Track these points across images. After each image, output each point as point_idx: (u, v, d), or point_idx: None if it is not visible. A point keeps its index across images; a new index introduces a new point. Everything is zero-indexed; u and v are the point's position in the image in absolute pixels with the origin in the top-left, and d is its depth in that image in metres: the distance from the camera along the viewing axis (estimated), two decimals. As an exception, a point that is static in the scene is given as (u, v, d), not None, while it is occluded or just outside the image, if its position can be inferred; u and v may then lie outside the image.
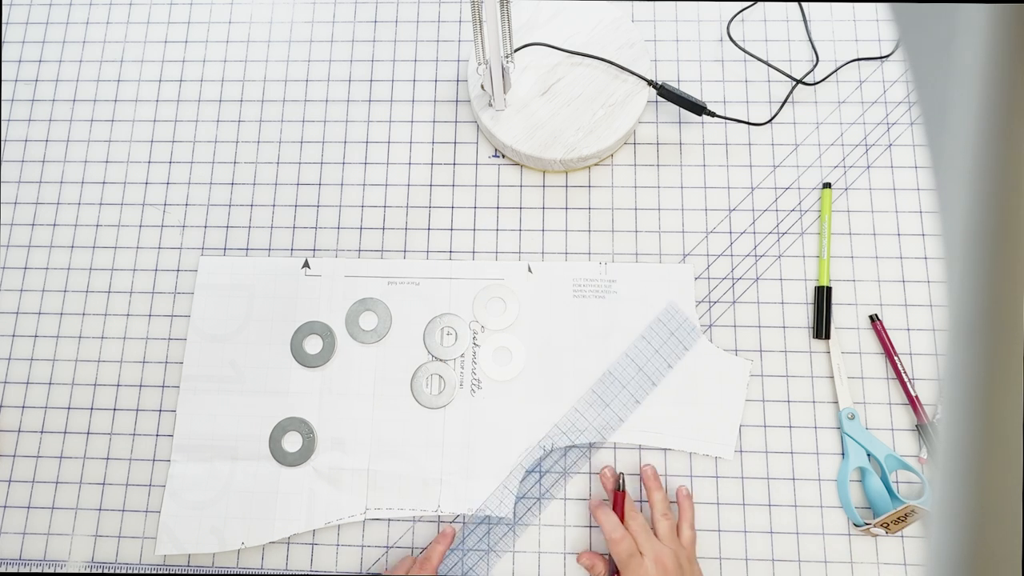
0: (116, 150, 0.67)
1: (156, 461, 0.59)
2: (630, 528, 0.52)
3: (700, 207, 0.63)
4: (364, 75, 0.68)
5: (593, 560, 0.54)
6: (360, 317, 0.61)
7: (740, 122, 0.64)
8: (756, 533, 0.56)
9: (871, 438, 0.57)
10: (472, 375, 0.59)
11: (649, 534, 0.52)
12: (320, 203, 0.65)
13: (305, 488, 0.57)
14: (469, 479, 0.57)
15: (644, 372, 0.59)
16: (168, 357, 0.61)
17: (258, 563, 0.57)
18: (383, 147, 0.66)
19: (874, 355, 0.59)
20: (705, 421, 0.58)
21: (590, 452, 0.58)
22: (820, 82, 0.66)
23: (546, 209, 0.64)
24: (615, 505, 0.54)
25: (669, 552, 0.51)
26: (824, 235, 0.61)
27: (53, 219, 0.65)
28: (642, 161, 0.65)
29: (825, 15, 0.68)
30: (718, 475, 0.57)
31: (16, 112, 0.68)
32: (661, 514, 0.53)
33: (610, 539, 0.52)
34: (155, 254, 0.64)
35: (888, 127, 0.65)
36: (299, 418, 0.59)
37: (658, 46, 0.68)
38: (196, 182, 0.66)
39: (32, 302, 0.63)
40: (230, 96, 0.68)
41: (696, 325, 0.60)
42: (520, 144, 0.62)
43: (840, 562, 0.55)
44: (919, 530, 0.54)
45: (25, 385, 0.61)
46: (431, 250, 0.63)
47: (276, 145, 0.67)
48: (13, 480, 0.59)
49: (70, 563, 0.57)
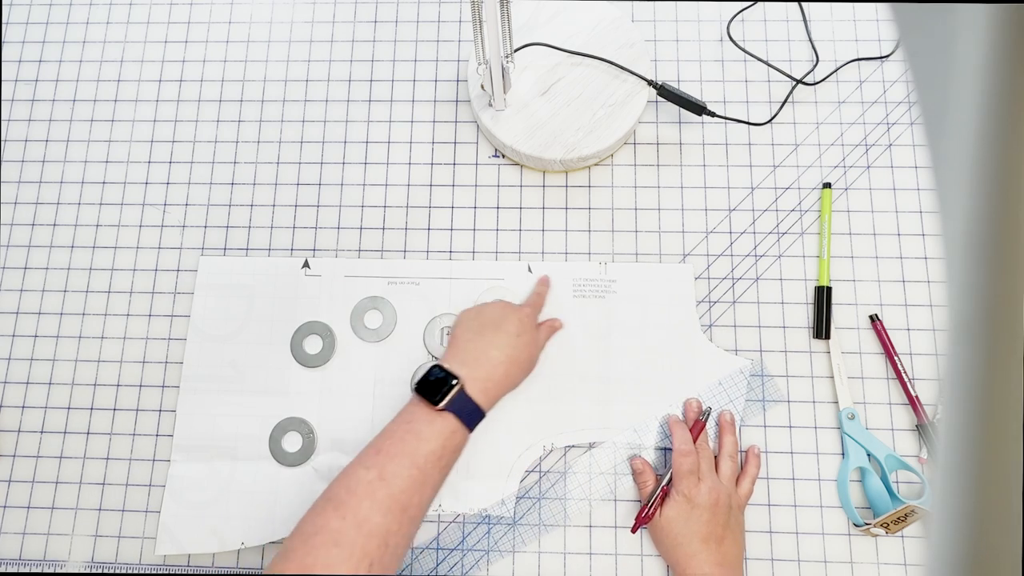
0: (116, 150, 0.67)
1: (156, 461, 0.59)
2: (698, 452, 0.54)
3: (700, 207, 0.63)
4: (364, 75, 0.68)
5: (645, 467, 0.56)
6: (366, 315, 0.61)
7: (740, 122, 0.64)
8: (756, 533, 0.56)
9: (871, 438, 0.56)
10: (472, 375, 0.59)
11: (712, 467, 0.54)
12: (320, 203, 0.65)
13: (305, 488, 0.57)
14: (469, 479, 0.57)
15: (644, 372, 0.59)
16: (168, 357, 0.61)
17: (258, 563, 0.57)
18: (383, 147, 0.66)
19: (874, 355, 0.59)
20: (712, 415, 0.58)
21: (590, 452, 0.58)
22: (820, 82, 0.66)
23: (546, 209, 0.64)
24: (692, 429, 0.55)
25: (724, 490, 0.53)
26: (824, 235, 0.61)
27: (53, 219, 0.65)
28: (642, 161, 0.65)
29: (825, 15, 0.68)
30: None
31: (16, 112, 0.68)
32: (728, 455, 0.55)
33: (678, 450, 0.53)
34: (155, 254, 0.64)
35: (888, 127, 0.65)
36: (299, 418, 0.59)
37: (658, 46, 0.68)
38: (196, 182, 0.66)
39: (32, 302, 0.63)
40: (230, 96, 0.68)
41: (696, 325, 0.60)
42: (520, 144, 0.62)
43: (840, 562, 0.55)
44: (919, 530, 0.54)
45: (25, 385, 0.61)
46: (431, 250, 0.63)
47: (276, 145, 0.67)
48: (13, 480, 0.59)
49: (70, 563, 0.57)
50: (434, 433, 0.48)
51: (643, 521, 0.54)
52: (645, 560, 0.55)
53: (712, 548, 0.51)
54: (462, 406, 0.49)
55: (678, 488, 0.53)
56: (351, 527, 0.44)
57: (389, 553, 0.44)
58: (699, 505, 0.52)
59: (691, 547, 0.51)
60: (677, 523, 0.52)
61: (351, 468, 0.48)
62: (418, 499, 0.47)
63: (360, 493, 0.45)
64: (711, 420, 0.58)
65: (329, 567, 0.42)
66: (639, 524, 0.54)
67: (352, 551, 0.43)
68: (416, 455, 0.47)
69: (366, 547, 0.43)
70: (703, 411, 0.57)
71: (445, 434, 0.49)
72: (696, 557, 0.51)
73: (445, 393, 0.49)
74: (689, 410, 0.57)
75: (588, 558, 0.56)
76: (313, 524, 0.45)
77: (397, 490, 0.46)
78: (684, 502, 0.52)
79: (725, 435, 0.56)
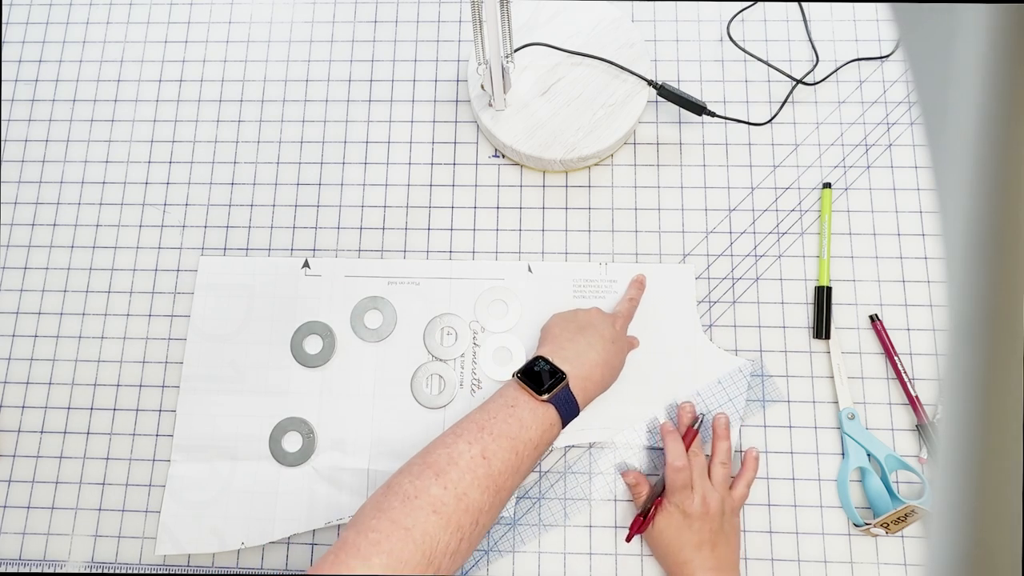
0: (116, 150, 0.67)
1: (156, 461, 0.59)
2: (690, 463, 0.54)
3: (700, 207, 0.63)
4: (364, 75, 0.68)
5: (639, 479, 0.56)
6: (366, 314, 0.61)
7: (740, 122, 0.64)
8: (756, 533, 0.56)
9: (871, 438, 0.56)
10: (472, 375, 0.59)
11: (704, 475, 0.54)
12: (320, 203, 0.65)
13: (305, 488, 0.57)
14: (469, 479, 0.57)
15: (644, 371, 0.59)
16: (168, 357, 0.61)
17: (258, 563, 0.57)
18: (383, 147, 0.66)
19: (874, 355, 0.59)
20: (705, 421, 0.58)
21: (590, 452, 0.58)
22: (820, 82, 0.66)
23: (546, 209, 0.64)
24: (684, 438, 0.55)
25: (716, 497, 0.53)
26: (824, 235, 0.61)
27: (53, 219, 0.65)
28: (642, 161, 0.65)
29: (825, 15, 0.68)
30: (718, 475, 0.57)
31: (16, 112, 0.68)
32: (720, 462, 0.55)
33: (671, 464, 0.53)
34: (155, 254, 0.64)
35: (888, 127, 0.65)
36: (299, 418, 0.59)
37: (658, 46, 0.68)
38: (196, 182, 0.66)
39: (32, 302, 0.63)
40: (230, 96, 0.68)
41: (697, 325, 0.60)
42: (520, 144, 0.62)
43: (840, 562, 0.55)
44: (919, 530, 0.54)
45: (25, 385, 0.61)
46: (431, 250, 0.63)
47: (276, 145, 0.67)
48: (13, 480, 0.59)
49: (70, 563, 0.57)
50: (536, 422, 0.49)
51: (637, 531, 0.54)
52: (645, 560, 0.55)
53: (705, 554, 0.51)
54: (564, 401, 0.50)
55: (671, 500, 0.53)
56: (452, 498, 0.44)
57: (478, 531, 0.45)
58: (691, 515, 0.52)
59: (685, 554, 0.51)
60: (670, 532, 0.52)
61: (451, 439, 0.48)
62: (511, 483, 0.47)
63: (463, 466, 0.46)
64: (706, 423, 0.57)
65: (427, 533, 0.42)
66: (633, 533, 0.54)
67: (449, 521, 0.43)
68: (517, 440, 0.48)
69: (461, 521, 0.44)
70: (696, 418, 0.56)
71: (545, 425, 0.49)
72: (690, 564, 0.51)
73: (552, 386, 0.50)
74: (683, 415, 0.57)
75: (588, 558, 0.56)
76: (413, 486, 0.45)
77: (496, 471, 0.46)
78: (677, 513, 0.52)
79: (719, 440, 0.56)
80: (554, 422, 0.50)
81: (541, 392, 0.49)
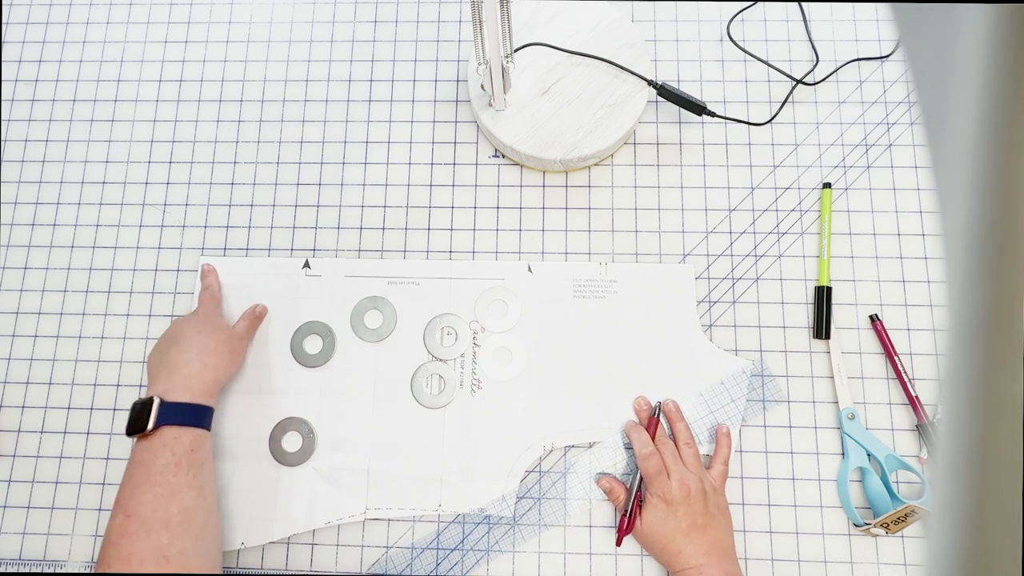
0: (116, 150, 0.67)
1: (156, 461, 0.59)
2: (660, 451, 0.54)
3: (700, 207, 0.63)
4: (364, 75, 0.68)
5: (612, 484, 0.56)
6: (366, 314, 0.61)
7: (740, 122, 0.64)
8: (756, 533, 0.56)
9: (871, 438, 0.56)
10: (472, 375, 0.59)
11: (677, 459, 0.54)
12: (320, 203, 0.65)
13: (305, 488, 0.57)
14: (469, 479, 0.57)
15: (644, 372, 0.59)
16: (168, 357, 0.61)
17: (258, 563, 0.57)
18: (383, 147, 0.66)
19: (874, 355, 0.59)
20: (705, 421, 0.58)
21: (590, 452, 0.58)
22: (820, 82, 0.66)
23: (546, 209, 0.64)
24: (648, 428, 0.56)
25: (694, 477, 0.53)
26: (824, 235, 0.61)
27: (53, 219, 0.65)
28: (642, 161, 0.65)
29: (825, 15, 0.68)
30: (718, 475, 0.57)
31: (16, 112, 0.68)
32: (684, 442, 0.56)
33: (639, 455, 0.54)
34: (155, 254, 0.64)
35: (888, 127, 0.65)
36: (299, 418, 0.59)
37: (658, 46, 0.68)
38: (196, 182, 0.66)
39: (32, 302, 0.63)
40: (230, 96, 0.68)
41: (697, 325, 0.60)
42: (520, 144, 0.62)
43: (840, 562, 0.55)
44: (919, 530, 0.54)
45: (25, 385, 0.61)
46: (431, 250, 0.63)
47: (276, 145, 0.67)
48: (13, 480, 0.59)
49: (70, 563, 0.57)
50: (152, 452, 0.50)
51: (625, 532, 0.54)
52: (645, 560, 0.55)
53: (696, 539, 0.51)
54: (170, 414, 0.51)
55: (651, 491, 0.53)
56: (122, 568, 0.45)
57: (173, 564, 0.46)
58: (674, 501, 0.52)
59: (676, 544, 0.51)
60: (657, 525, 0.52)
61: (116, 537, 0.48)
62: (176, 506, 0.48)
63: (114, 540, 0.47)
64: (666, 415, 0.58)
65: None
66: (622, 535, 0.54)
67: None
68: (150, 478, 0.48)
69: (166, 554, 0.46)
70: (653, 408, 0.57)
71: (168, 444, 0.50)
72: (683, 552, 0.51)
73: (148, 416, 0.50)
74: (640, 410, 0.58)
75: (588, 558, 0.56)
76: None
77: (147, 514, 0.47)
78: (660, 503, 0.52)
79: (674, 424, 0.57)
80: (176, 435, 0.50)
81: (145, 428, 0.50)
